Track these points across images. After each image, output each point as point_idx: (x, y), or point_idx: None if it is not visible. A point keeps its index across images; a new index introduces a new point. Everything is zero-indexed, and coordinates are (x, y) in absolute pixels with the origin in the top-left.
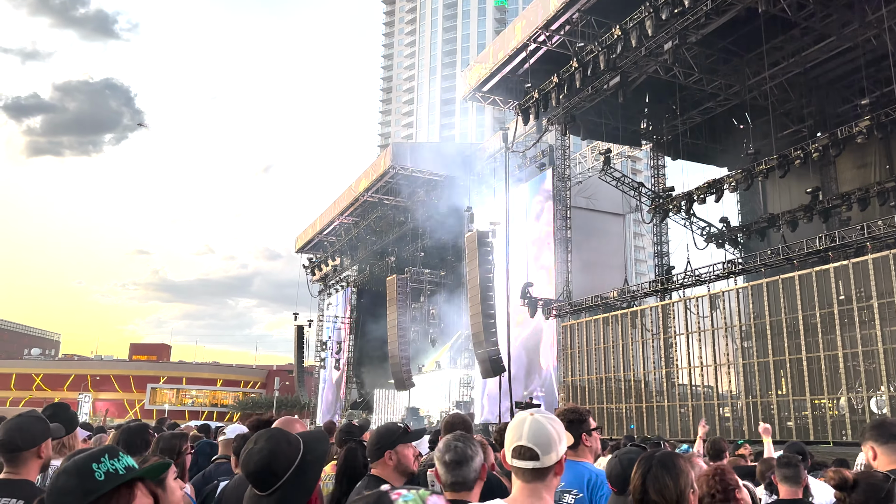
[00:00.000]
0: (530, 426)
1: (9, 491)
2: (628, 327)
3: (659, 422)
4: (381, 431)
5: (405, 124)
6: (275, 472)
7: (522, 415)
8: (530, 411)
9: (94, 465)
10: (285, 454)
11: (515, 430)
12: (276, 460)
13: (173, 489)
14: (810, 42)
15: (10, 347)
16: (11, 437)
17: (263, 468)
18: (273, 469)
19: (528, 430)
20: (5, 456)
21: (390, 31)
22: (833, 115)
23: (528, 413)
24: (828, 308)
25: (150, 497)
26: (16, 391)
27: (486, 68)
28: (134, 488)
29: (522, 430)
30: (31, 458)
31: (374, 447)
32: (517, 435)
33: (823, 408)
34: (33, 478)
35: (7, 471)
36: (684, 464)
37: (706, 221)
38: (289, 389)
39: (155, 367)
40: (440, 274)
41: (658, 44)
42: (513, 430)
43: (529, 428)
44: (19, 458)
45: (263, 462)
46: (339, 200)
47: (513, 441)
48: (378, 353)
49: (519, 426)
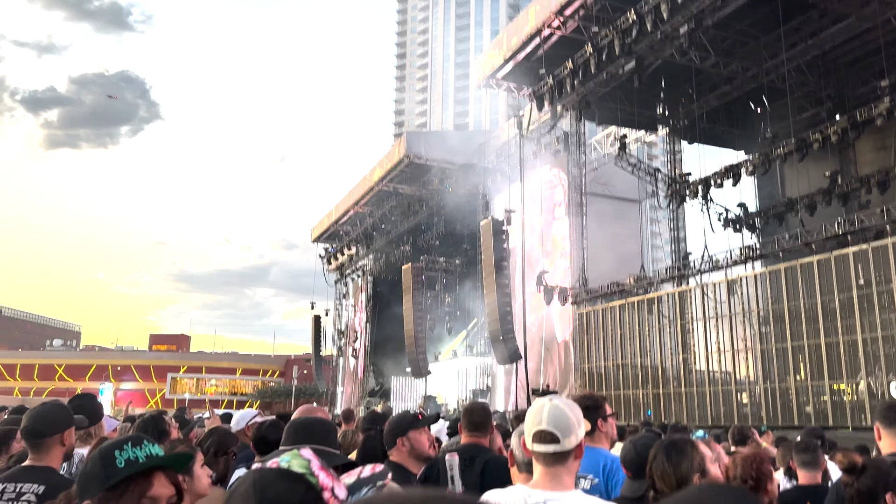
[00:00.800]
0: (550, 411)
1: (32, 477)
2: (645, 314)
3: (676, 408)
4: (393, 419)
5: (419, 112)
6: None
7: (541, 401)
8: (549, 397)
9: (116, 453)
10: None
11: (535, 415)
12: None
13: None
14: (828, 23)
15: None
16: (34, 424)
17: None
18: None
19: (548, 415)
20: (29, 442)
21: (403, 18)
22: (852, 97)
23: (546, 399)
24: (847, 293)
25: (170, 487)
26: (39, 381)
27: (500, 55)
28: (151, 477)
29: (542, 415)
30: (54, 445)
31: (388, 435)
32: (537, 420)
33: (842, 393)
34: (57, 465)
35: (31, 457)
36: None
37: (723, 206)
38: (307, 378)
39: (175, 357)
40: (455, 262)
41: (674, 27)
42: (532, 415)
43: (549, 413)
44: (42, 444)
45: None
46: (355, 190)
47: (533, 426)
48: (395, 341)
49: (538, 411)
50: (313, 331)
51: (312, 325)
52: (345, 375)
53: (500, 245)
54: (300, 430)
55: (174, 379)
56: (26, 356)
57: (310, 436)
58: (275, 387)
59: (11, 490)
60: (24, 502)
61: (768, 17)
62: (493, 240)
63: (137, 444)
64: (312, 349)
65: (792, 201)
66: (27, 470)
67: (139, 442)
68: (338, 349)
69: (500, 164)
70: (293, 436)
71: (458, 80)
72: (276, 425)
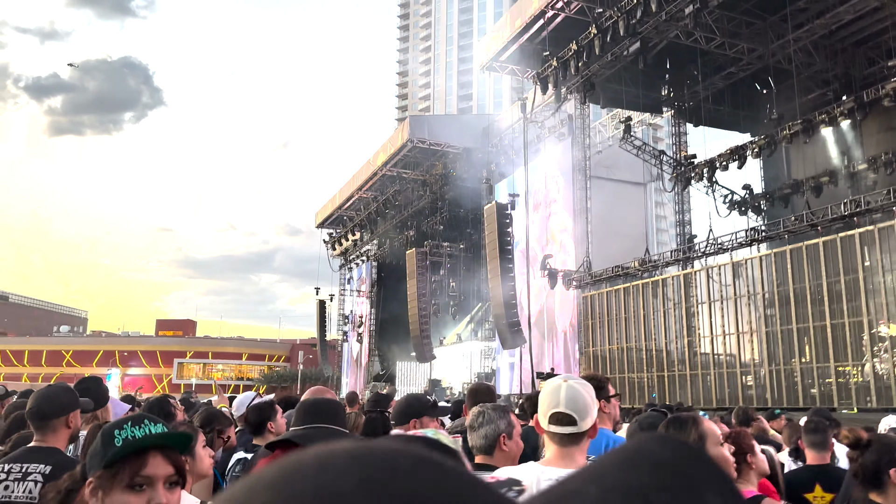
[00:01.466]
0: (567, 393)
1: (38, 458)
2: (650, 297)
3: (681, 391)
4: (411, 399)
5: (422, 97)
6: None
7: (556, 381)
8: (563, 377)
9: (116, 432)
10: None
11: (551, 396)
12: None
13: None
14: (835, 2)
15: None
16: (40, 406)
17: None
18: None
19: (566, 397)
20: (34, 424)
21: (405, 1)
22: (859, 78)
23: (561, 380)
24: (853, 274)
25: (168, 467)
26: (46, 367)
27: (504, 37)
28: (146, 456)
29: (559, 396)
30: (59, 426)
31: (403, 412)
32: (553, 402)
33: (848, 375)
34: (62, 446)
35: (36, 439)
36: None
37: (729, 189)
38: (312, 363)
39: (181, 343)
40: (460, 246)
41: (678, 8)
42: (548, 396)
43: (566, 395)
44: (48, 426)
45: None
46: (358, 175)
47: (549, 407)
48: (399, 326)
49: (555, 393)
50: (318, 316)
51: (317, 310)
52: (350, 360)
53: (504, 229)
54: (311, 409)
55: (181, 364)
56: (34, 342)
57: (320, 415)
58: (280, 371)
59: (18, 470)
60: (31, 482)
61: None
62: (497, 224)
63: (137, 423)
64: (317, 334)
65: (797, 183)
66: (33, 450)
67: (139, 421)
68: (343, 334)
69: (503, 148)
70: (303, 415)
71: (462, 64)
72: (259, 408)
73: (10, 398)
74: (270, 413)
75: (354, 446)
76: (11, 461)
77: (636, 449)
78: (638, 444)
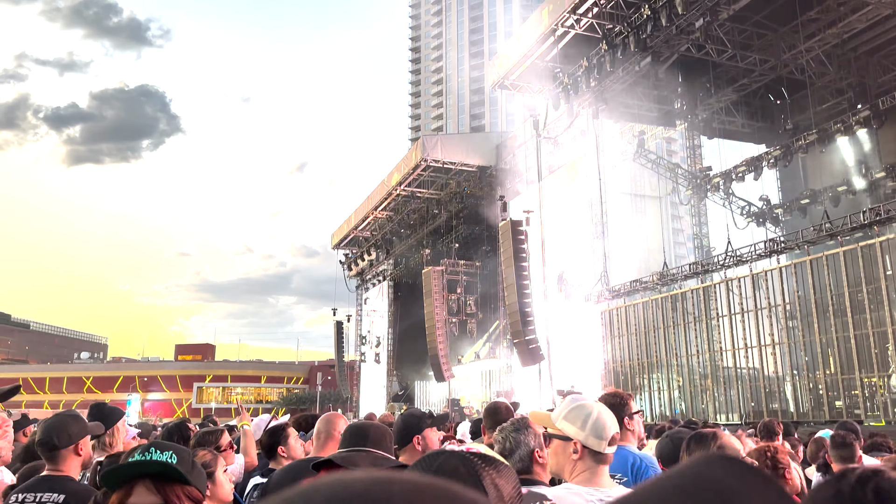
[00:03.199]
0: (595, 418)
1: (50, 487)
2: (669, 310)
3: (705, 405)
4: (405, 418)
5: (435, 116)
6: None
7: (583, 404)
8: (582, 399)
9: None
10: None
11: (580, 419)
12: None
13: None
14: (847, 11)
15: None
16: (48, 437)
17: None
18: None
19: (592, 425)
20: (45, 455)
21: (417, 23)
22: (873, 86)
23: (585, 401)
24: (875, 283)
25: (154, 495)
26: (68, 394)
27: (515, 55)
28: (134, 485)
29: (588, 422)
30: (69, 455)
31: (403, 433)
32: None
33: (874, 386)
34: (75, 474)
35: (49, 468)
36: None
37: (746, 200)
38: (331, 384)
39: (200, 367)
40: (476, 264)
41: (689, 21)
42: (578, 418)
43: (594, 422)
44: (58, 456)
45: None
46: (373, 195)
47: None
48: (417, 345)
49: (584, 416)
50: (336, 337)
51: (335, 331)
52: (368, 381)
53: (519, 246)
54: (357, 433)
55: (200, 388)
56: (55, 369)
57: (365, 439)
58: (299, 393)
59: (32, 499)
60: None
61: (785, 7)
62: (512, 241)
63: (145, 451)
64: (335, 355)
65: (815, 192)
66: (45, 480)
67: (147, 449)
68: (360, 355)
69: (517, 165)
70: (349, 438)
71: (474, 83)
72: (271, 431)
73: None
74: (280, 437)
75: (353, 479)
76: (26, 490)
77: (698, 474)
78: (701, 468)
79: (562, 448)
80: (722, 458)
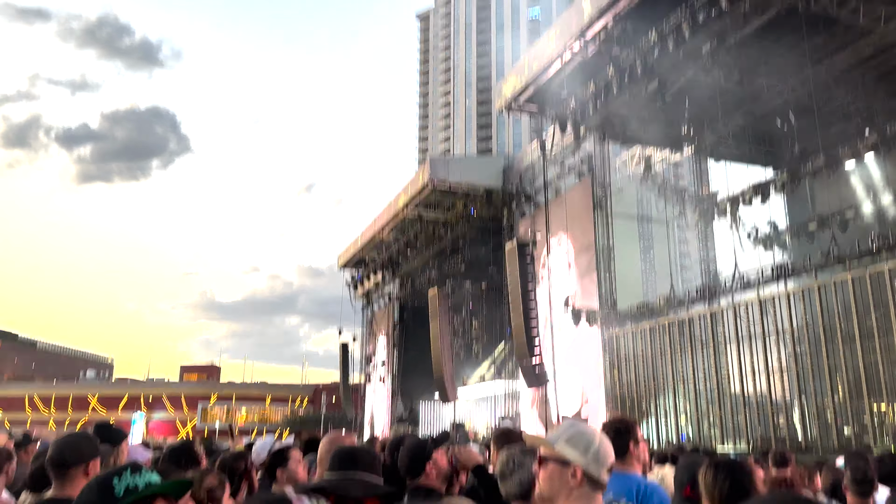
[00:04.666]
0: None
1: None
2: (676, 335)
3: (711, 431)
4: (412, 448)
5: (443, 139)
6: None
7: (583, 431)
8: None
9: (114, 481)
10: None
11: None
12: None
13: None
14: (854, 37)
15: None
16: (60, 454)
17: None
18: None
19: (594, 454)
20: (53, 472)
21: (426, 47)
22: (881, 112)
23: (584, 428)
24: (883, 309)
25: None
26: (73, 412)
27: (521, 79)
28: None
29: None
30: (77, 475)
31: (414, 462)
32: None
33: (883, 413)
34: None
35: (54, 488)
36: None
37: (753, 225)
38: (336, 406)
39: (205, 387)
40: (482, 286)
41: (696, 46)
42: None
43: (595, 452)
44: (66, 475)
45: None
46: (380, 217)
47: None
48: (422, 366)
49: (585, 444)
50: (341, 358)
51: (340, 352)
52: (373, 402)
53: (525, 268)
54: (345, 457)
55: (204, 409)
56: (61, 388)
57: (354, 463)
58: (304, 415)
59: None
60: None
61: (792, 33)
62: (518, 263)
63: (136, 471)
64: (340, 376)
65: (823, 218)
66: (51, 502)
67: (137, 469)
68: (366, 376)
69: (524, 188)
70: (338, 462)
71: (481, 106)
72: (272, 454)
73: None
74: (280, 459)
75: None
76: None
77: None
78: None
79: (558, 473)
80: (794, 497)
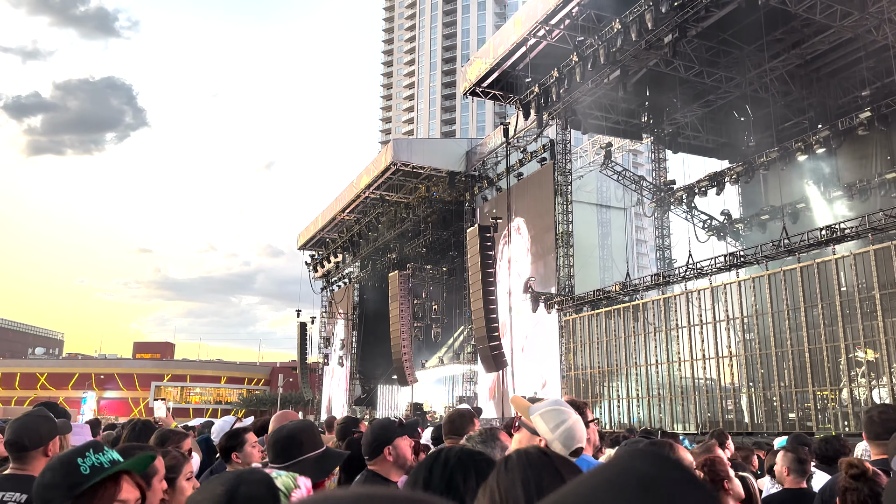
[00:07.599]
0: (567, 429)
1: (14, 486)
2: (630, 321)
3: (662, 415)
4: (376, 428)
5: (406, 120)
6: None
7: (559, 410)
8: (556, 404)
9: (79, 460)
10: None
11: (552, 425)
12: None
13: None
14: (811, 34)
15: (14, 347)
16: (19, 437)
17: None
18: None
19: (563, 434)
20: (13, 455)
21: (390, 26)
22: (834, 107)
23: (560, 408)
24: (829, 299)
25: (136, 489)
26: (20, 390)
27: (486, 63)
28: (120, 480)
29: (559, 429)
30: (37, 456)
31: (373, 445)
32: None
33: (826, 399)
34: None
35: (13, 466)
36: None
37: (707, 214)
38: (293, 386)
39: (159, 366)
40: (442, 269)
41: (658, 37)
42: (548, 425)
43: (564, 433)
44: (26, 456)
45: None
46: (341, 197)
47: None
48: (381, 349)
49: (555, 424)
50: (299, 339)
51: (298, 332)
52: (331, 383)
53: (486, 252)
54: (286, 444)
55: (158, 387)
56: (8, 364)
57: (300, 447)
58: (260, 395)
59: None
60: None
61: (751, 27)
62: (479, 247)
63: (98, 450)
64: (298, 357)
65: (775, 209)
66: (9, 478)
67: (100, 448)
68: (324, 357)
69: (486, 172)
70: (281, 452)
71: (445, 89)
72: (227, 435)
73: None
74: (235, 442)
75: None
76: None
77: (623, 467)
78: (624, 461)
79: (527, 439)
80: (645, 452)
